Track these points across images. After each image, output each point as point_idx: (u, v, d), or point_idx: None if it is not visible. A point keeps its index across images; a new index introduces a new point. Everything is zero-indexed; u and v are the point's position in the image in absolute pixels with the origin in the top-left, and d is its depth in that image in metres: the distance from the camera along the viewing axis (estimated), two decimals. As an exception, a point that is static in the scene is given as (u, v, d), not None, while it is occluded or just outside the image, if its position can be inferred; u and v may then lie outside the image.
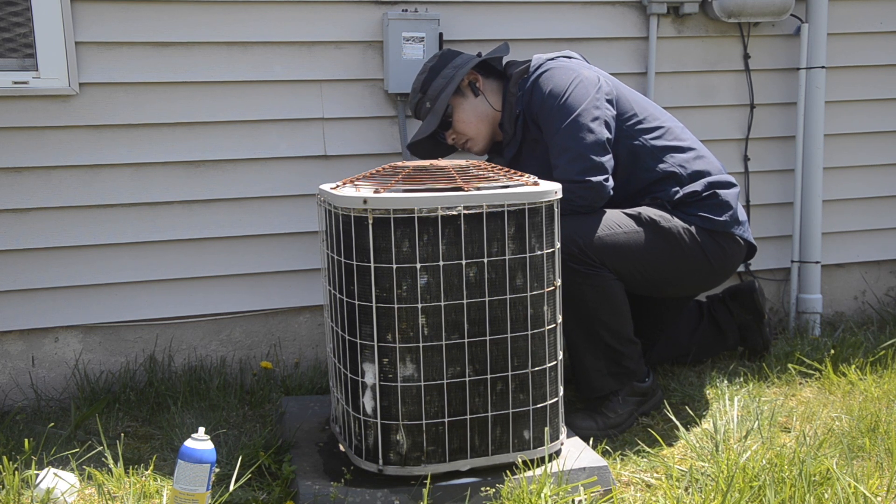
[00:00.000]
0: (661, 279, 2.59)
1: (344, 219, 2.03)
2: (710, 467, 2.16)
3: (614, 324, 2.50)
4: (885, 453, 2.24)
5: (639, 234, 2.51)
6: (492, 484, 2.05)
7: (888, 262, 3.66)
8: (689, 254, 2.56)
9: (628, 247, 2.49)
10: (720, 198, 2.60)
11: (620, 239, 2.48)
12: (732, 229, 2.61)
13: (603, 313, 2.48)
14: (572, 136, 2.48)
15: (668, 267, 2.57)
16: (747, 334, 3.03)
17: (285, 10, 2.88)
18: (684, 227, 2.56)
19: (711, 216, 2.58)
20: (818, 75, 3.34)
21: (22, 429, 2.56)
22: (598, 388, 2.55)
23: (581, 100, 2.51)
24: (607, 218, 2.50)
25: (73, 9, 2.68)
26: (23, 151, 2.73)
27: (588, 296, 2.45)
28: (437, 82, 2.68)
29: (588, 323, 2.48)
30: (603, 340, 2.50)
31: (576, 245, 2.43)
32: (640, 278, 2.53)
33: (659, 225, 2.53)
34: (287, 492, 2.13)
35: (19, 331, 2.83)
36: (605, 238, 2.46)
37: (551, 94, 2.54)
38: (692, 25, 3.28)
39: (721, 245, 2.60)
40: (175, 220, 2.89)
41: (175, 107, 2.83)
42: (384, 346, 2.02)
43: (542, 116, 2.57)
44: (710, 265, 2.61)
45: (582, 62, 2.72)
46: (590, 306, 2.46)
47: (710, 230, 2.58)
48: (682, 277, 2.64)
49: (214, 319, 3.00)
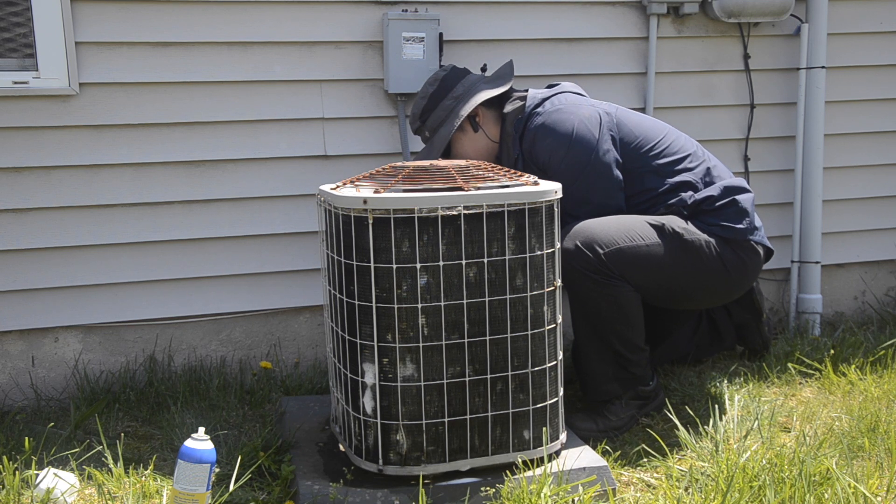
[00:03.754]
0: (680, 292, 2.55)
1: (344, 219, 2.03)
2: (710, 467, 2.16)
3: (627, 333, 2.47)
4: (885, 453, 2.24)
5: (661, 246, 2.45)
6: (492, 484, 2.05)
7: (888, 262, 3.66)
8: (710, 267, 2.52)
9: (650, 260, 2.44)
10: (739, 205, 2.56)
11: (642, 252, 2.42)
12: (751, 237, 2.57)
13: (617, 323, 2.45)
14: (589, 188, 2.50)
15: (688, 280, 2.52)
16: (746, 334, 3.02)
17: (285, 10, 2.88)
18: (706, 239, 2.51)
19: (731, 224, 2.54)
20: (818, 75, 3.34)
21: (22, 429, 2.56)
22: (603, 393, 2.54)
23: (586, 151, 2.49)
24: (630, 227, 2.45)
25: (73, 9, 2.69)
26: (23, 151, 2.73)
27: (603, 306, 2.42)
28: (436, 114, 2.64)
29: (602, 332, 2.46)
30: (613, 348, 2.48)
31: (595, 254, 2.38)
32: (659, 291, 2.50)
33: (682, 238, 2.48)
34: (287, 492, 2.13)
35: (19, 331, 2.83)
36: (626, 251, 2.40)
37: (555, 146, 2.50)
38: (692, 25, 3.28)
39: (741, 257, 2.56)
40: (175, 220, 2.89)
41: (175, 107, 2.83)
42: (384, 346, 2.02)
43: (549, 169, 2.52)
44: (730, 278, 2.56)
45: (577, 98, 2.65)
46: (604, 316, 2.44)
47: (730, 240, 2.54)
48: (700, 291, 2.59)
49: (214, 319, 3.00)
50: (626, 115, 2.63)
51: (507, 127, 2.63)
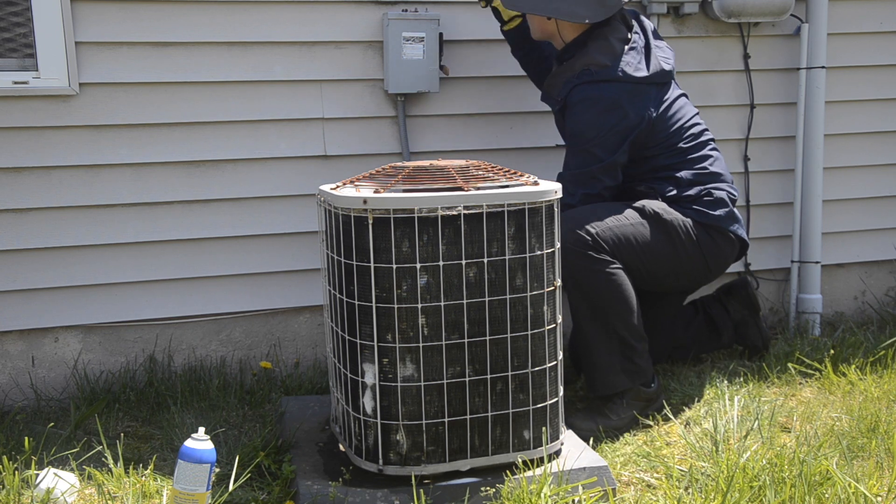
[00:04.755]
0: (660, 271, 2.63)
1: (344, 219, 2.03)
2: (710, 467, 2.16)
3: (629, 316, 2.52)
4: (885, 453, 2.24)
5: (644, 225, 2.57)
6: (492, 484, 2.05)
7: (888, 262, 3.66)
8: (687, 246, 2.62)
9: (634, 238, 2.55)
10: (714, 196, 2.67)
11: (628, 230, 2.54)
12: (727, 225, 2.68)
13: (618, 304, 2.50)
14: (580, 171, 2.63)
15: (667, 259, 2.61)
16: (745, 331, 3.04)
17: (285, 10, 2.88)
18: (682, 219, 2.62)
19: (706, 210, 2.65)
20: (818, 75, 3.34)
21: (22, 429, 2.56)
22: (611, 385, 2.54)
23: (597, 152, 2.60)
24: (614, 208, 2.58)
25: (73, 9, 2.68)
26: (23, 151, 2.73)
27: (602, 286, 2.48)
28: None
29: (603, 315, 2.50)
30: (618, 333, 2.51)
31: (589, 234, 2.48)
32: (642, 270, 2.57)
33: (661, 217, 2.60)
34: (287, 492, 2.13)
35: (19, 331, 2.83)
36: (615, 228, 2.53)
37: (576, 132, 2.63)
38: (692, 25, 3.28)
39: (715, 240, 2.67)
40: (175, 220, 2.89)
41: (175, 107, 2.83)
42: (384, 346, 2.02)
43: (567, 136, 2.66)
44: (705, 259, 2.67)
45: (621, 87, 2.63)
46: (604, 297, 2.49)
47: (705, 224, 2.65)
48: (678, 270, 2.67)
49: (214, 319, 3.00)
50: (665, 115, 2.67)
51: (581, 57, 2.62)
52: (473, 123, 3.11)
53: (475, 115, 3.09)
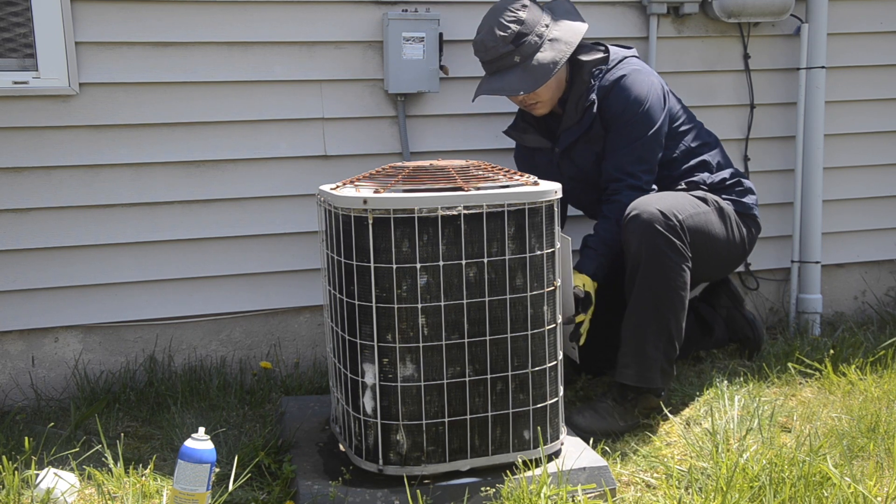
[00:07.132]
0: (711, 260, 2.66)
1: (344, 219, 2.03)
2: (710, 467, 2.16)
3: (683, 320, 2.53)
4: (885, 453, 2.24)
5: (709, 215, 2.63)
6: (492, 484, 2.05)
7: (888, 262, 3.66)
8: (736, 235, 2.72)
9: (705, 227, 2.60)
10: (744, 185, 2.81)
11: (702, 219, 2.59)
12: (755, 212, 2.82)
13: (678, 304, 2.50)
14: (650, 149, 2.64)
15: (722, 247, 2.68)
16: (734, 324, 3.07)
17: (285, 10, 2.88)
18: (731, 210, 2.72)
19: (742, 200, 2.77)
20: (818, 75, 3.34)
21: (22, 429, 2.56)
22: (648, 380, 2.50)
23: (658, 114, 2.64)
24: (687, 198, 2.61)
25: (73, 9, 2.69)
26: (23, 151, 2.73)
27: (674, 281, 2.48)
28: (530, 39, 2.55)
29: (665, 310, 2.48)
30: (669, 332, 2.49)
31: (677, 220, 2.48)
32: (702, 260, 2.58)
33: (720, 207, 2.68)
34: (287, 492, 2.13)
35: (19, 331, 2.83)
36: (694, 217, 2.56)
37: (635, 100, 2.61)
38: (692, 25, 3.28)
39: (749, 228, 2.79)
40: (175, 220, 2.89)
41: (175, 107, 2.83)
42: (384, 346, 2.02)
43: (620, 119, 2.62)
44: (745, 247, 2.79)
45: (645, 66, 2.73)
46: (672, 293, 2.48)
47: (742, 213, 2.76)
48: (725, 262, 2.80)
49: (214, 319, 3.00)
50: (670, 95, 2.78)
51: (585, 75, 2.65)
52: (473, 123, 3.11)
53: (475, 115, 3.09)
